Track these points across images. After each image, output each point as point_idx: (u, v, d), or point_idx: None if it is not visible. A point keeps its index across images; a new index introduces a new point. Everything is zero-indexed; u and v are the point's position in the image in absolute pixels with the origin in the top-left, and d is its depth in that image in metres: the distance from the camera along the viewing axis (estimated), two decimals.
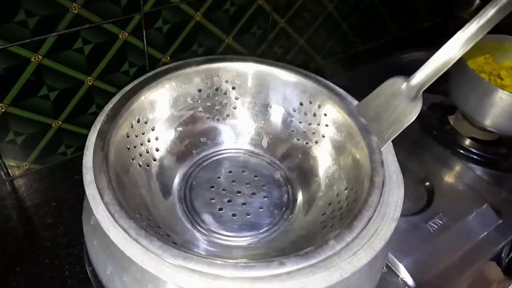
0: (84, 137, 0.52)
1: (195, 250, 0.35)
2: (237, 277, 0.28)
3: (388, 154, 0.38)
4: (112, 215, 0.30)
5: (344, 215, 0.35)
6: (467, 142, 0.60)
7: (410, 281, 0.44)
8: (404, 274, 0.44)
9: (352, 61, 0.75)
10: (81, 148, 0.53)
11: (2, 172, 0.49)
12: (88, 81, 0.48)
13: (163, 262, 0.28)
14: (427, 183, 0.53)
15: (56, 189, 0.49)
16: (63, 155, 0.53)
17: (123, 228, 0.30)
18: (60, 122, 0.50)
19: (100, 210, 0.31)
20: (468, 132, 0.60)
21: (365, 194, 0.34)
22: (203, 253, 0.35)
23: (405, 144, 0.39)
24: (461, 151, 0.59)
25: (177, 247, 0.29)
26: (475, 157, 0.59)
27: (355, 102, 0.41)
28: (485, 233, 0.49)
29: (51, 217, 0.46)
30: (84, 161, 0.34)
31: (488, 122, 0.55)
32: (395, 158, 0.38)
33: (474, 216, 0.50)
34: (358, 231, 0.31)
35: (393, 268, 0.44)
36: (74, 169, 0.52)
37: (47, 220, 0.46)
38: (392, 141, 0.38)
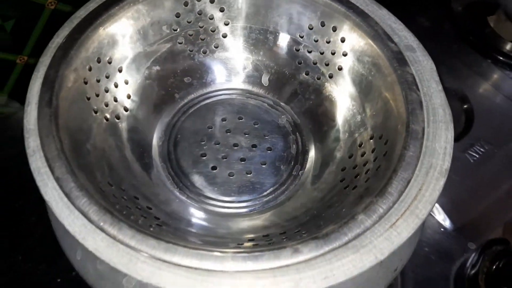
0: None
1: (183, 227, 0.28)
2: (238, 271, 0.21)
3: (431, 81, 0.28)
4: (66, 195, 0.23)
5: (371, 173, 0.27)
6: (509, 46, 0.50)
7: (447, 223, 0.37)
8: (440, 215, 0.37)
9: None
10: None
11: None
12: (49, 4, 0.39)
13: (138, 256, 0.21)
14: (466, 105, 0.44)
15: None
16: None
17: (81, 212, 0.22)
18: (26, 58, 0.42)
19: (50, 189, 0.23)
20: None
21: (400, 147, 0.26)
22: (194, 230, 0.28)
23: (436, 55, 0.30)
24: (503, 58, 0.49)
25: (155, 235, 0.22)
26: None
27: (382, 11, 0.31)
28: None
29: None
30: (25, 122, 0.25)
31: None
32: (440, 87, 0.28)
33: None
34: (394, 199, 0.24)
35: None
36: None
37: None
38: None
